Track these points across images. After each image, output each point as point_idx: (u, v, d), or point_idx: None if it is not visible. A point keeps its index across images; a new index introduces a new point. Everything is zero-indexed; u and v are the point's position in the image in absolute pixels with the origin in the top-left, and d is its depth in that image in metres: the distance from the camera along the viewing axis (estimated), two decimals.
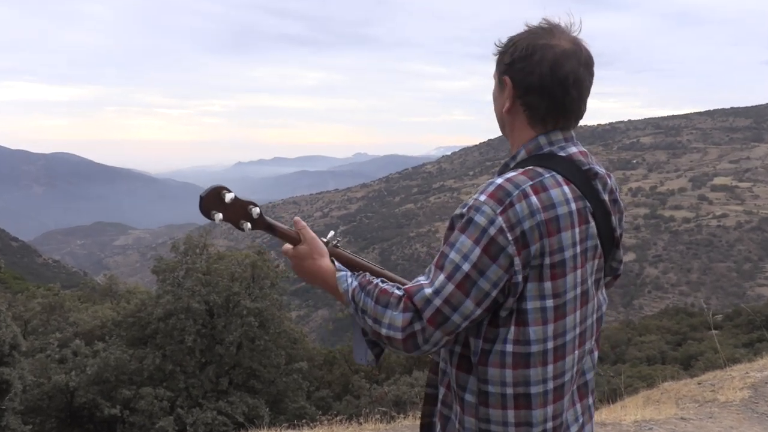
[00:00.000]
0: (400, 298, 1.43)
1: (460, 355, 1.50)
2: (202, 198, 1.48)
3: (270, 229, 1.60)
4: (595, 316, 1.54)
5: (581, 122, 1.57)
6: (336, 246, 1.66)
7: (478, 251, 1.37)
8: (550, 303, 1.41)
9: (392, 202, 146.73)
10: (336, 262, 1.60)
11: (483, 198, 1.39)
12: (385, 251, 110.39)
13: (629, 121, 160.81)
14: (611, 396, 6.88)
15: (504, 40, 1.54)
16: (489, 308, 1.41)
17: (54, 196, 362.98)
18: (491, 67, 1.58)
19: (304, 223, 1.63)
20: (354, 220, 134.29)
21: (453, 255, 1.39)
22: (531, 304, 1.40)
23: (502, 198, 1.38)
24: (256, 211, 1.55)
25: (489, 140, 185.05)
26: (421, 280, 1.44)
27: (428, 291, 1.39)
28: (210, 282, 17.76)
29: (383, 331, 1.43)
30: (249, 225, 1.55)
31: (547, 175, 1.43)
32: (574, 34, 1.49)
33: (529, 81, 1.46)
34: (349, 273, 1.56)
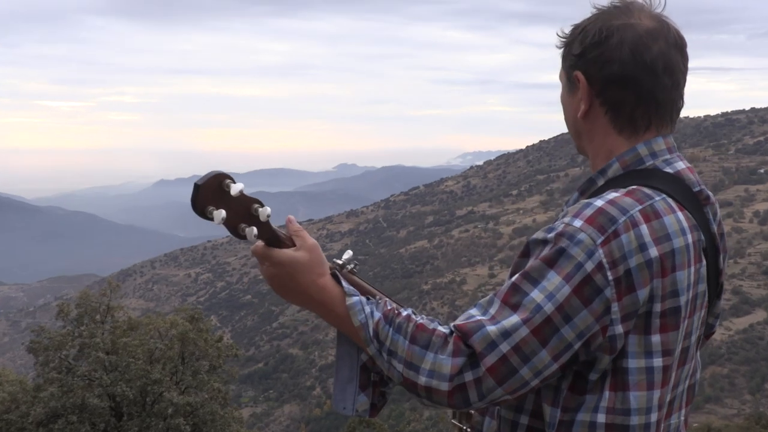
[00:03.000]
0: (445, 336, 1.59)
1: (528, 428, 1.68)
2: (198, 187, 1.61)
3: (275, 241, 1.73)
4: (687, 382, 1.74)
5: (680, 115, 1.75)
6: (352, 272, 1.81)
7: (567, 291, 1.53)
8: (658, 362, 1.58)
9: (395, 238, 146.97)
10: (343, 281, 1.75)
11: (579, 223, 1.56)
12: None
13: (753, 110, 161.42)
14: None
15: (568, 29, 1.75)
16: (565, 365, 1.57)
17: None
18: (541, 33, 1.86)
19: (299, 225, 1.77)
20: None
21: (533, 292, 1.55)
22: (635, 363, 1.57)
23: (604, 225, 1.55)
24: (266, 212, 1.67)
25: (541, 142, 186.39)
26: (477, 315, 1.60)
27: (492, 329, 1.55)
28: (117, 365, 17.73)
29: (422, 380, 1.58)
30: (255, 231, 1.67)
31: (657, 198, 1.61)
32: (657, 10, 1.71)
33: (608, 71, 1.66)
34: (364, 299, 1.71)
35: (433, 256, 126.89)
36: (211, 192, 1.62)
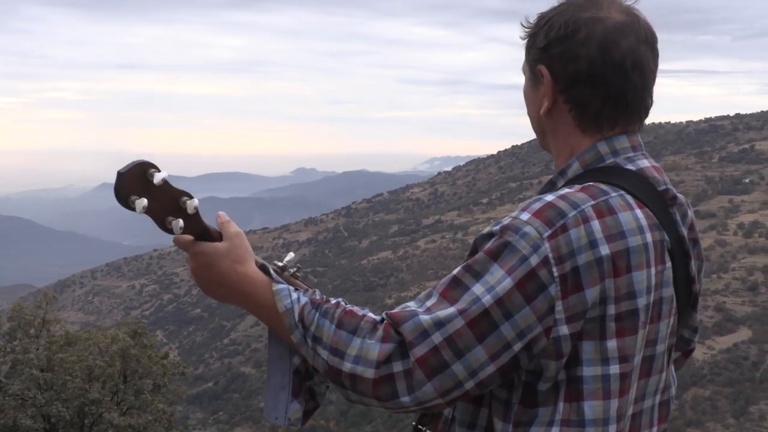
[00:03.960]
0: (375, 322, 1.61)
1: None
2: (120, 175, 1.64)
3: (205, 234, 1.77)
4: (658, 398, 1.75)
5: (661, 120, 1.84)
6: (295, 275, 1.85)
7: (509, 284, 1.54)
8: (615, 369, 1.59)
9: (357, 249, 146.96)
10: (272, 271, 1.77)
11: (526, 216, 1.58)
12: None
13: (738, 115, 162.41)
14: None
15: (533, 18, 1.77)
16: (505, 370, 1.57)
17: None
18: (516, 31, 1.80)
19: (228, 218, 1.80)
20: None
21: (474, 285, 1.57)
22: (590, 371, 1.58)
23: (552, 219, 1.57)
24: (193, 203, 1.71)
25: (514, 147, 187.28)
26: (411, 305, 1.62)
27: (426, 318, 1.56)
28: (53, 383, 17.58)
29: (346, 366, 1.59)
30: (181, 223, 1.70)
31: (613, 194, 1.64)
32: (628, 3, 1.73)
33: (574, 68, 1.68)
34: (292, 287, 1.73)
35: (397, 269, 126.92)
36: (135, 180, 1.65)
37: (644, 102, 1.73)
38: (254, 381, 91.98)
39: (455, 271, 1.61)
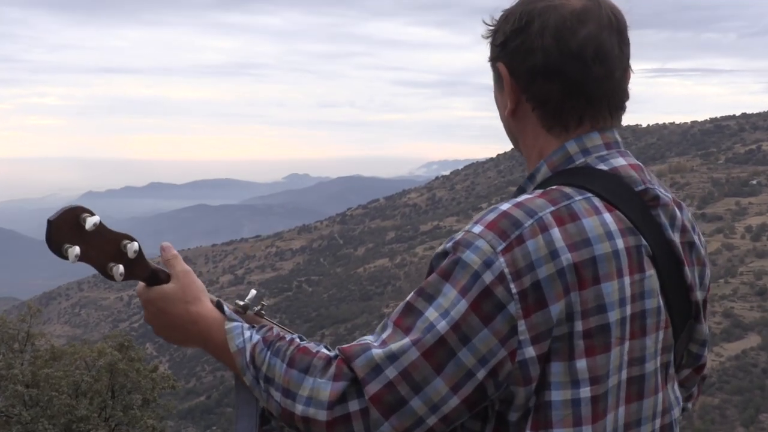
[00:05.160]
0: (329, 359, 1.53)
1: None
2: (50, 223, 1.59)
3: (154, 278, 1.74)
4: (658, 422, 1.61)
5: (665, 120, 1.73)
6: (260, 314, 1.81)
7: (463, 306, 1.45)
8: (586, 392, 1.48)
9: (353, 256, 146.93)
10: (226, 307, 1.73)
11: (478, 229, 1.50)
12: (340, 341, 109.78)
13: (744, 115, 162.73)
14: None
15: (497, 15, 1.69)
16: (471, 401, 1.48)
17: None
18: None
19: (175, 252, 1.76)
20: (288, 288, 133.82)
21: (428, 310, 1.47)
22: (559, 395, 1.47)
23: (506, 230, 1.48)
24: (134, 247, 1.66)
25: (513, 150, 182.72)
26: (369, 339, 1.53)
27: (378, 352, 1.47)
28: (38, 400, 17.59)
29: (299, 408, 1.51)
30: (121, 269, 1.66)
31: (578, 198, 1.53)
32: None
33: (531, 62, 1.59)
34: (246, 324, 1.67)
35: (394, 276, 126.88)
36: (67, 228, 1.60)
37: (613, 94, 1.63)
38: None
39: (409, 297, 1.52)
